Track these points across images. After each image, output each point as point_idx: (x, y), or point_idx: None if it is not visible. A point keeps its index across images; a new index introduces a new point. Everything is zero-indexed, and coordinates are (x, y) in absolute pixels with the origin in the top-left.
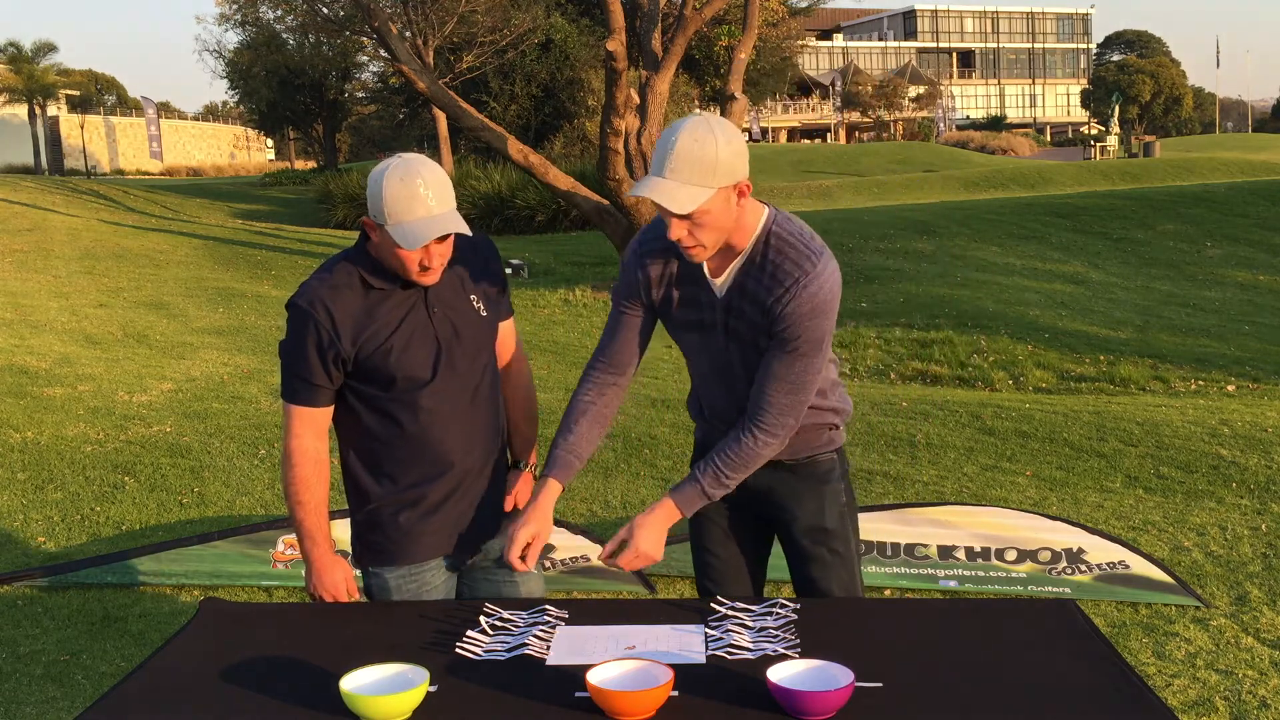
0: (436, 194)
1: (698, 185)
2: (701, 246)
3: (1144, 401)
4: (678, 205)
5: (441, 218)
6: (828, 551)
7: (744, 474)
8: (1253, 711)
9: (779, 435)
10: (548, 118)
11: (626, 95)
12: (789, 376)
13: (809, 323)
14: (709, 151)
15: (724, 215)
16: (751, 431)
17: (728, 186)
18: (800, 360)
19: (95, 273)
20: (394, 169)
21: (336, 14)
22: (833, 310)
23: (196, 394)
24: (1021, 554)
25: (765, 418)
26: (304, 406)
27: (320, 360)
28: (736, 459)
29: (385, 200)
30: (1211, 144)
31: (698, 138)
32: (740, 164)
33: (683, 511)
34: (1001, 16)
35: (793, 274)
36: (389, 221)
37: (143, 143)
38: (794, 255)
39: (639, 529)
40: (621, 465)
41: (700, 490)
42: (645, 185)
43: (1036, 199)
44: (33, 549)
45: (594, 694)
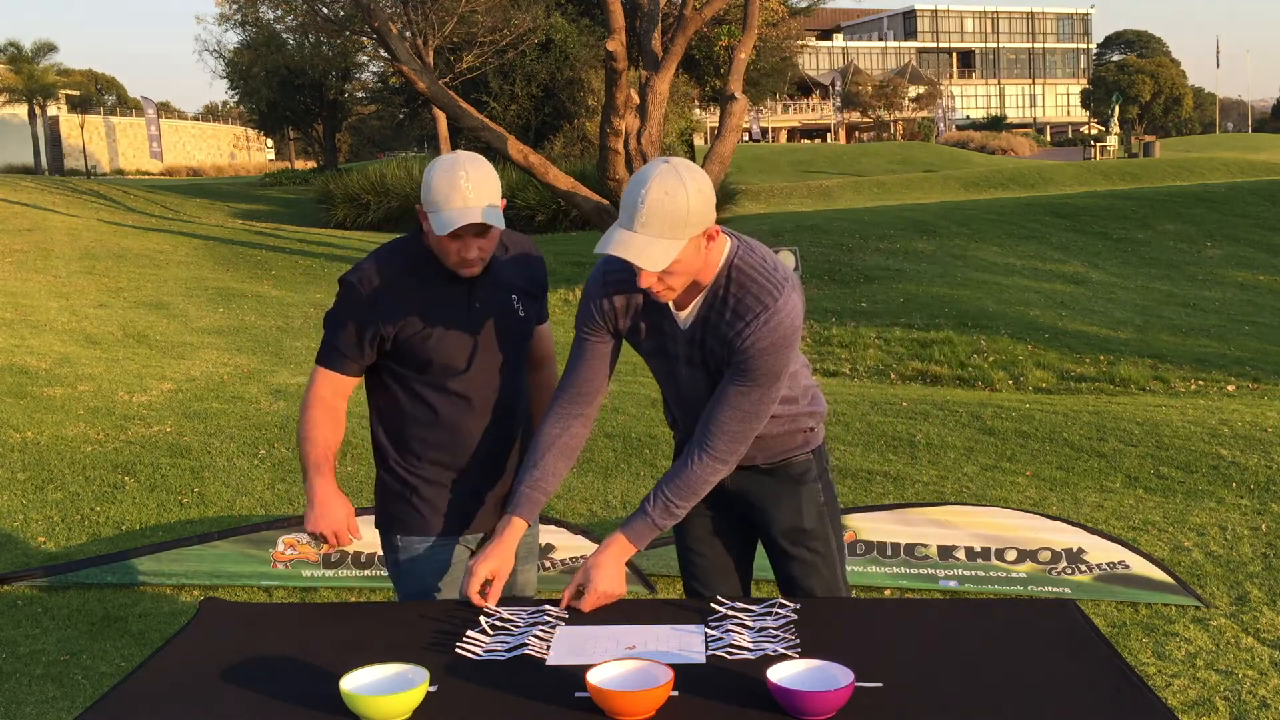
0: (477, 188)
1: (669, 239)
2: (670, 289)
3: (1144, 401)
4: (652, 264)
5: (474, 209)
6: (808, 551)
7: (693, 500)
8: (1253, 711)
9: (727, 461)
10: (548, 118)
11: (626, 95)
12: (743, 405)
13: (769, 357)
14: (680, 204)
15: (693, 261)
16: (700, 457)
17: (697, 236)
18: (756, 390)
19: (95, 273)
20: (444, 160)
21: (336, 14)
22: (794, 343)
23: (196, 394)
24: (1021, 554)
25: (715, 443)
26: (331, 371)
27: (358, 335)
28: (685, 486)
29: (430, 187)
30: (1211, 144)
31: (669, 190)
32: (709, 211)
33: (634, 545)
34: (1001, 16)
35: (754, 309)
36: (430, 209)
37: (143, 143)
38: (754, 290)
39: (594, 569)
40: (621, 465)
41: (650, 523)
42: (616, 242)
43: (1036, 199)
44: (33, 549)
45: (594, 694)
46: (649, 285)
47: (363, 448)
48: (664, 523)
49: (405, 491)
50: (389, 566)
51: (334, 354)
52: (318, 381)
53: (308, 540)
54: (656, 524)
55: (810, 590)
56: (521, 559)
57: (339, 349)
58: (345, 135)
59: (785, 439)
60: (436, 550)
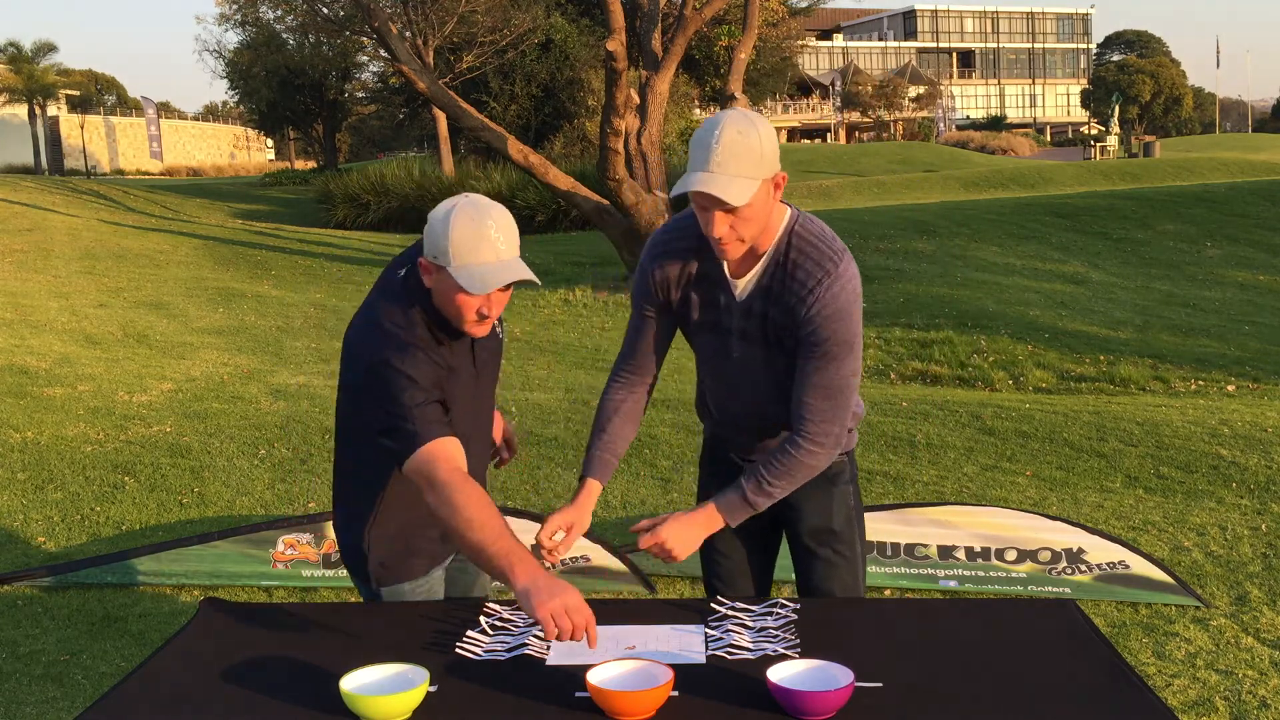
0: (506, 238)
1: (746, 177)
2: (739, 241)
3: (1144, 401)
4: (734, 197)
5: (511, 263)
6: (833, 553)
7: (791, 484)
8: (1253, 711)
9: (824, 443)
10: (548, 118)
11: (626, 95)
12: (824, 382)
13: (837, 324)
14: (753, 142)
15: (764, 208)
16: (797, 442)
17: (769, 178)
18: (832, 363)
19: (95, 273)
20: (463, 209)
21: (336, 14)
22: (856, 311)
23: (196, 394)
24: (1021, 554)
25: (808, 427)
26: (438, 439)
27: (434, 401)
28: (782, 468)
29: (452, 240)
30: (1211, 144)
31: (741, 129)
32: (777, 155)
33: (726, 519)
34: (1001, 16)
35: (815, 274)
36: (454, 263)
37: (143, 143)
38: (815, 256)
39: (671, 521)
40: (622, 465)
41: (743, 498)
42: (694, 180)
43: (1036, 199)
44: (33, 549)
45: (594, 694)
46: (721, 234)
47: None
48: (757, 500)
49: (394, 545)
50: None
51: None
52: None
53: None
54: (749, 500)
55: (830, 593)
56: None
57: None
58: (345, 135)
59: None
60: (421, 586)
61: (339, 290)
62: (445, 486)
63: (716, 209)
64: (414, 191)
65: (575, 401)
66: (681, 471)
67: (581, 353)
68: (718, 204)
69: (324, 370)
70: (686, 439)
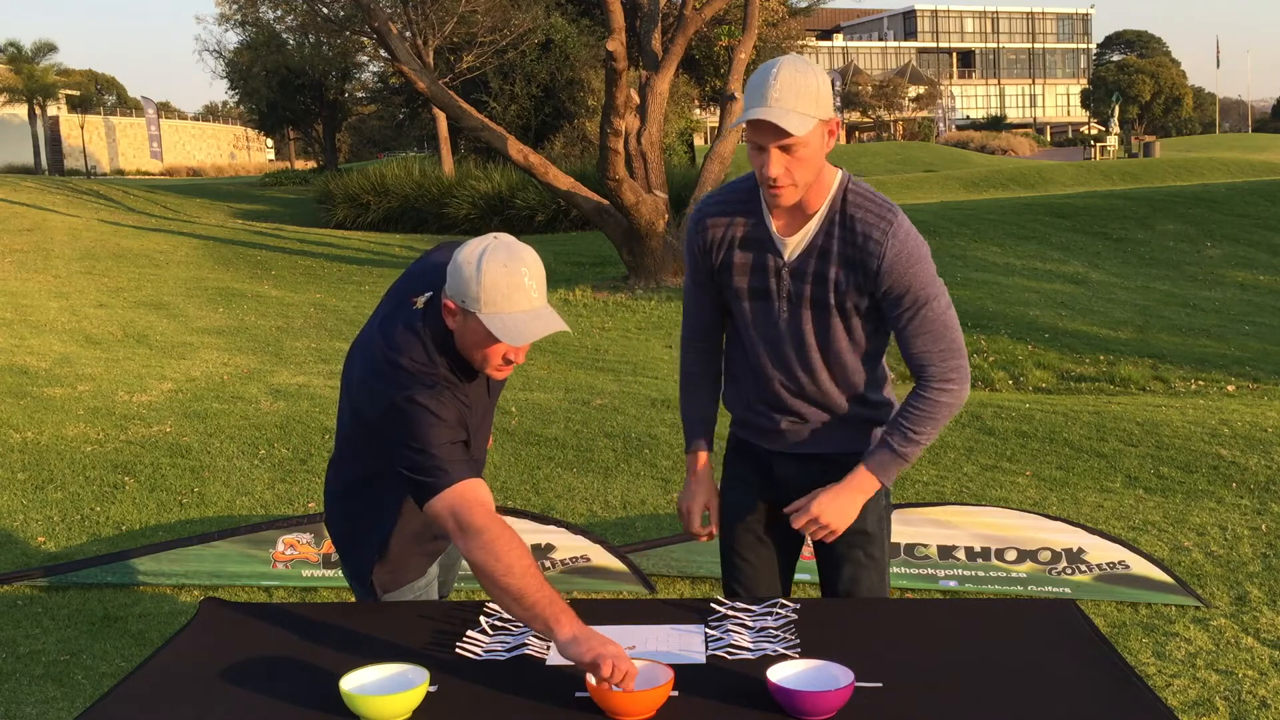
0: (538, 285)
1: (803, 114)
2: (794, 185)
3: (1144, 401)
4: (794, 127)
5: (543, 311)
6: (863, 555)
7: (934, 428)
8: (1253, 711)
9: (955, 378)
10: (548, 118)
11: (626, 95)
12: (926, 328)
13: (914, 269)
14: (810, 81)
15: (818, 152)
16: (927, 387)
17: (824, 121)
18: (926, 306)
19: (95, 273)
20: (495, 252)
21: (336, 14)
22: (928, 254)
23: (196, 394)
24: (1021, 554)
25: (930, 371)
26: (472, 479)
27: (459, 442)
28: (922, 414)
29: (484, 286)
30: (1211, 144)
31: (799, 69)
32: (831, 102)
33: (881, 479)
34: (1001, 16)
35: (879, 225)
36: (485, 310)
37: (143, 143)
38: (874, 209)
39: (822, 496)
40: (621, 465)
41: (892, 452)
42: (753, 112)
43: (1036, 199)
44: (33, 549)
45: (594, 694)
46: (776, 173)
47: None
48: (907, 451)
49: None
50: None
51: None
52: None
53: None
54: (900, 454)
55: (857, 595)
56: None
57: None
58: (345, 135)
59: (857, 431)
60: (420, 584)
61: (339, 290)
62: (483, 532)
63: (774, 144)
64: (414, 191)
65: (575, 401)
66: (681, 471)
67: (581, 353)
68: (775, 135)
69: (324, 370)
70: None
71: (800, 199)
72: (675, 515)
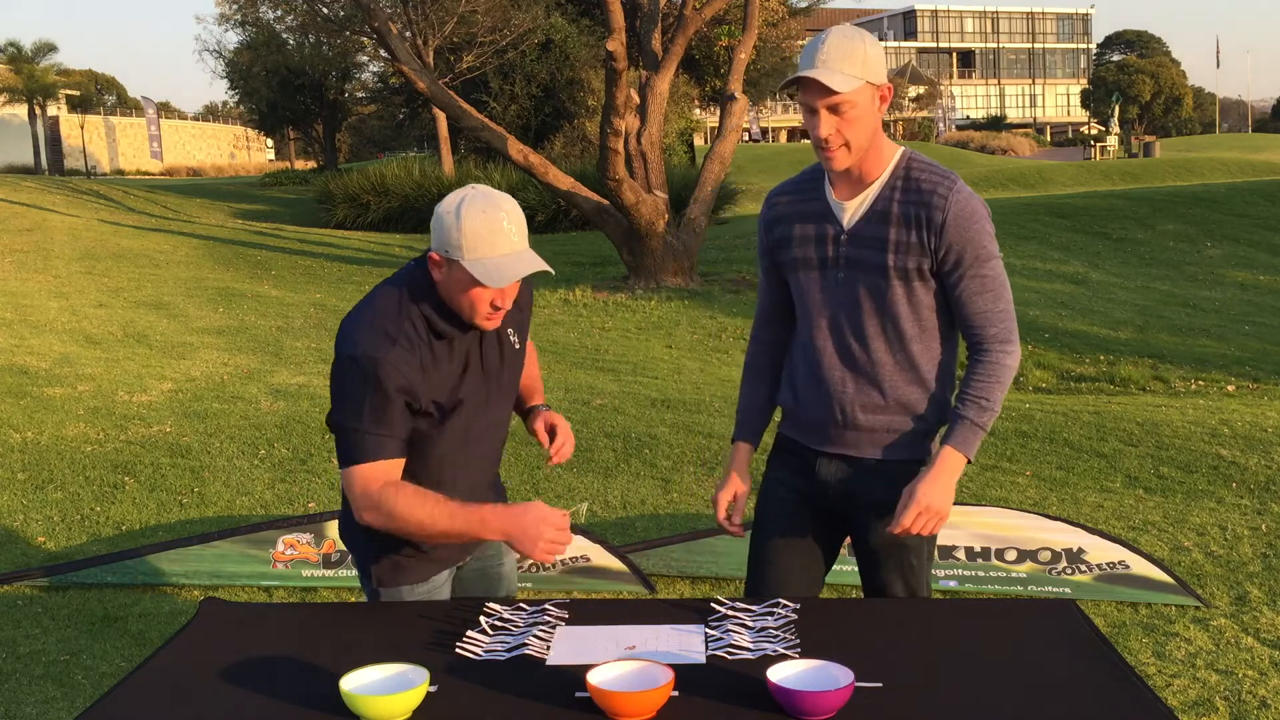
0: (518, 228)
1: (849, 75)
2: (845, 147)
3: (1144, 401)
4: (836, 83)
5: (524, 254)
6: (903, 562)
7: (1001, 390)
8: (1253, 711)
9: (1014, 341)
10: (548, 118)
11: (626, 95)
12: (983, 287)
13: (974, 226)
14: (858, 46)
15: (869, 115)
16: (986, 350)
17: (874, 85)
18: (984, 265)
19: (95, 273)
20: (473, 200)
21: (336, 14)
22: (988, 217)
23: (196, 394)
24: (1021, 554)
25: (988, 331)
26: (375, 462)
27: (390, 413)
28: (986, 379)
29: (464, 233)
30: (1211, 144)
31: (847, 34)
32: (883, 69)
33: (966, 454)
34: (1001, 16)
35: (941, 185)
36: (466, 256)
37: (143, 143)
38: (937, 173)
39: (918, 488)
40: (621, 465)
41: (970, 423)
42: (800, 72)
43: (1036, 199)
44: (33, 549)
45: (594, 694)
46: (828, 134)
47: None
48: (984, 419)
49: (397, 546)
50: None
51: (375, 443)
52: (366, 481)
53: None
54: (976, 423)
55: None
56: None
57: (378, 435)
58: (345, 135)
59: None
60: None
61: (339, 290)
62: (383, 503)
63: (822, 103)
64: (414, 191)
65: (575, 401)
66: (681, 471)
67: (581, 353)
68: (822, 93)
69: (324, 370)
70: (686, 439)
71: (858, 166)
72: (675, 515)
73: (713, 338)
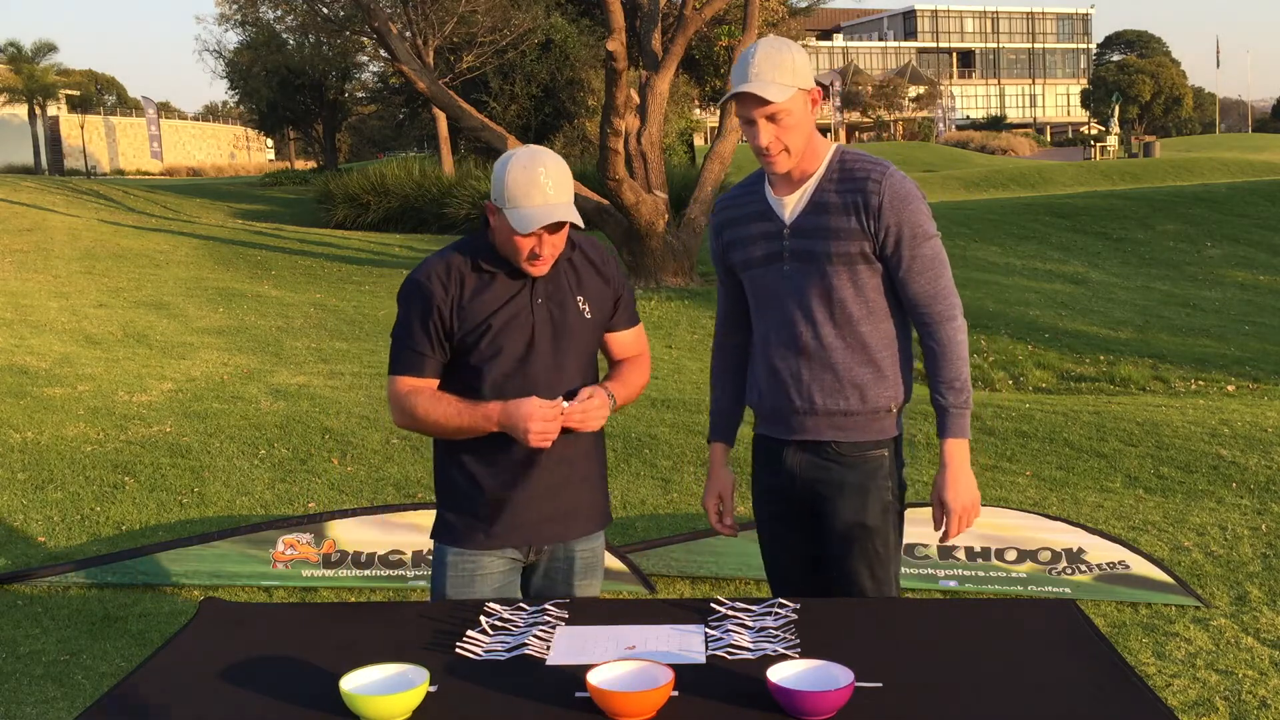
0: (556, 184)
1: (782, 84)
2: (785, 152)
3: (1144, 401)
4: (773, 95)
5: (557, 206)
6: (864, 549)
7: (964, 365)
8: (1253, 711)
9: (955, 316)
10: (548, 118)
11: (626, 95)
12: (928, 267)
13: (909, 207)
14: (786, 56)
15: (804, 119)
16: (934, 332)
17: (805, 90)
18: (922, 246)
19: (95, 273)
20: (519, 155)
21: (336, 14)
22: (923, 199)
23: (196, 394)
24: (1021, 554)
25: (932, 310)
26: (410, 376)
27: (425, 331)
28: (946, 360)
29: (507, 184)
30: (1211, 144)
31: (775, 45)
32: (810, 74)
33: (963, 437)
34: (1001, 16)
35: (873, 171)
36: (507, 205)
37: (143, 143)
38: (868, 162)
39: (943, 493)
40: (621, 465)
41: (953, 409)
42: (736, 88)
43: (1036, 199)
44: (33, 549)
45: (594, 694)
46: (768, 142)
47: (362, 447)
48: (962, 400)
49: (457, 502)
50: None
51: (412, 358)
52: (399, 386)
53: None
54: (958, 406)
55: (862, 590)
56: (580, 573)
57: (416, 350)
58: (345, 135)
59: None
60: (482, 563)
61: (339, 290)
62: (405, 406)
63: (760, 113)
64: (414, 191)
65: None
66: (681, 471)
67: None
68: (759, 104)
69: (324, 370)
70: (686, 439)
71: (796, 167)
72: (675, 515)
73: (712, 337)
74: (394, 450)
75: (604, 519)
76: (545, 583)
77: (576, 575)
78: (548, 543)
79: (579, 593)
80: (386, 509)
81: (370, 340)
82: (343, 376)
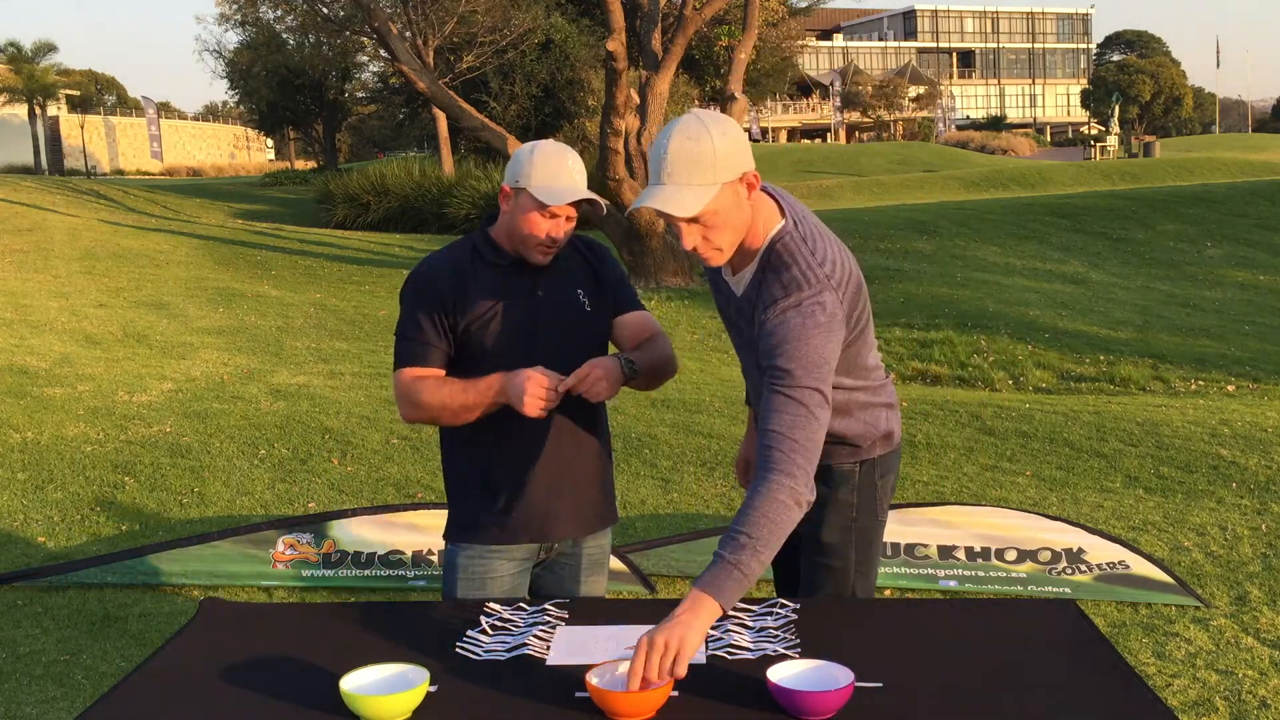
0: (579, 173)
1: (699, 185)
2: (718, 250)
3: (1144, 401)
4: (682, 209)
5: (582, 190)
6: (817, 563)
7: (763, 526)
8: (1253, 711)
9: (790, 473)
10: (548, 118)
11: (626, 95)
12: (783, 408)
13: (781, 347)
14: (705, 148)
15: (735, 213)
16: (762, 476)
17: (732, 181)
18: (784, 381)
19: (95, 273)
20: (545, 143)
21: (336, 14)
22: (814, 339)
23: (196, 394)
24: (1021, 554)
25: (771, 455)
26: (414, 367)
27: (429, 323)
28: (749, 510)
29: (534, 163)
30: (1211, 144)
31: (690, 135)
32: (741, 156)
33: (721, 602)
34: (1001, 16)
35: (775, 294)
36: (534, 182)
37: (143, 143)
38: (785, 276)
39: (674, 627)
40: (622, 465)
41: (724, 562)
42: (646, 196)
43: (1036, 199)
44: (33, 549)
45: (594, 694)
46: (694, 246)
47: (362, 447)
48: (738, 558)
49: (469, 497)
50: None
51: (416, 349)
52: (404, 377)
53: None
54: (729, 560)
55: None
56: (588, 569)
57: (420, 342)
58: (345, 135)
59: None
60: (493, 566)
61: (339, 290)
62: (410, 395)
63: (681, 221)
64: (414, 191)
65: None
66: (681, 471)
67: None
68: (673, 217)
69: (324, 370)
70: (686, 439)
71: (735, 253)
72: (675, 515)
73: (713, 337)
74: (394, 450)
75: (612, 516)
76: (553, 578)
77: (584, 571)
78: (560, 538)
79: (586, 589)
80: (386, 509)
81: (370, 340)
82: (343, 376)
